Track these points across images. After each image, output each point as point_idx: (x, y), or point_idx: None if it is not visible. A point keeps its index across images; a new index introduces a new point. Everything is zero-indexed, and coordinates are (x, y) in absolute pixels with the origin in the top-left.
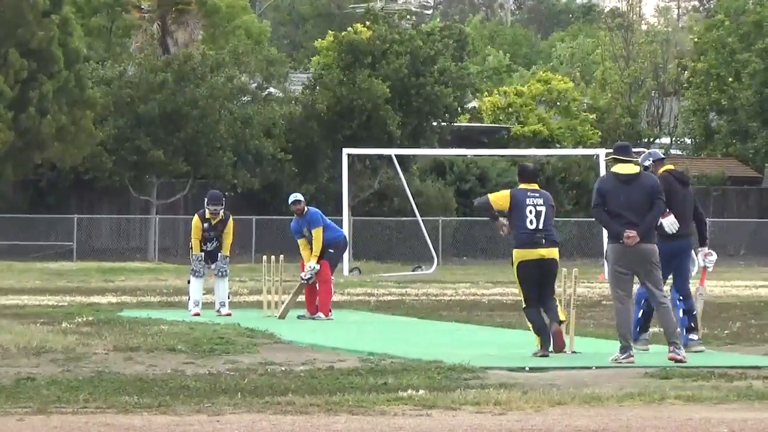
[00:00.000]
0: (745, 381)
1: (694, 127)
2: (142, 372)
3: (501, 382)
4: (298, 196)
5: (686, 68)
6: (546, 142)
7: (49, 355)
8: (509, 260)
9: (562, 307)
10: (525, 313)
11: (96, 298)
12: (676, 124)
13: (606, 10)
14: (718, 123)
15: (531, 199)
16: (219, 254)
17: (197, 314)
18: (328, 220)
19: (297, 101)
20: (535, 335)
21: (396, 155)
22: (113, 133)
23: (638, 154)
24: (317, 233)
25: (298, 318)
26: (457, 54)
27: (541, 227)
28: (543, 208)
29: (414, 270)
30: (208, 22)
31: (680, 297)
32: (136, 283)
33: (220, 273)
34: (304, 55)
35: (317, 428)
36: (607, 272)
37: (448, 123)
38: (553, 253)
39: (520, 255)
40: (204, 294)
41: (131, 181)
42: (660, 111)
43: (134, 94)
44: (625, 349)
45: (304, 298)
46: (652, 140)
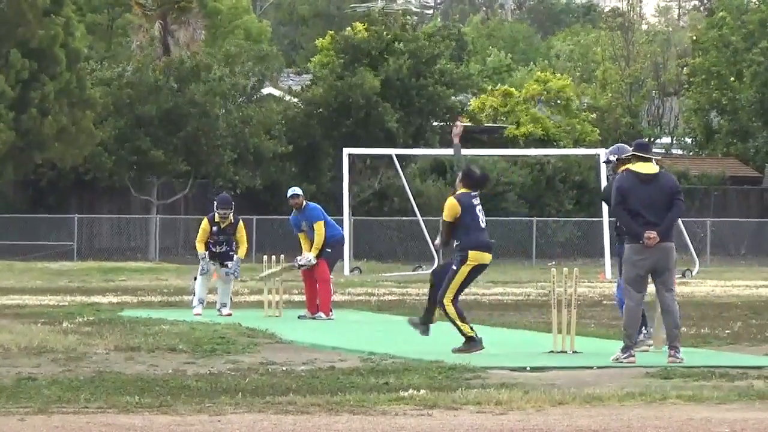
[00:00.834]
0: (746, 381)
1: (695, 127)
2: (143, 372)
3: (502, 382)
4: (297, 190)
5: (686, 65)
6: (544, 142)
7: (50, 354)
8: (457, 256)
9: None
10: (453, 306)
11: (97, 298)
12: (677, 124)
13: (606, 9)
14: (719, 122)
15: (476, 199)
16: (234, 256)
17: (199, 314)
18: (328, 217)
19: (295, 96)
20: (462, 324)
21: (396, 155)
22: (113, 133)
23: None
24: (319, 227)
25: (299, 318)
26: (456, 54)
27: (485, 227)
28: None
29: (415, 270)
30: (210, 23)
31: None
32: (137, 283)
33: (232, 274)
34: (303, 55)
35: (318, 428)
36: (608, 271)
37: (448, 123)
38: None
39: (478, 257)
40: (208, 293)
41: (132, 181)
42: (660, 111)
43: (134, 94)
44: (627, 348)
45: (305, 297)
46: (652, 140)
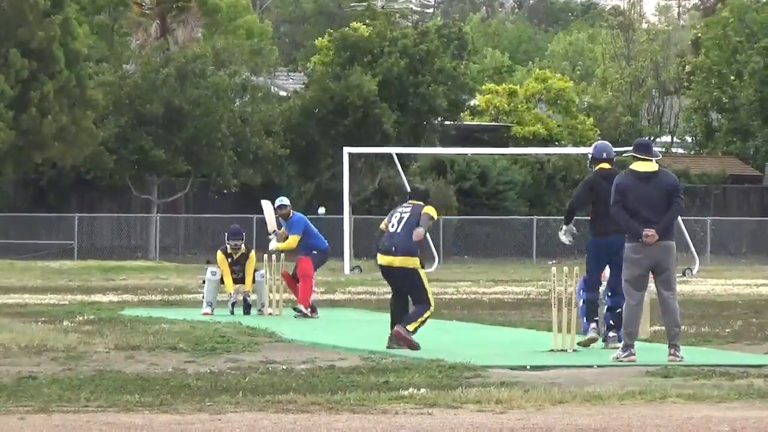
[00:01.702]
0: (746, 379)
1: (695, 126)
2: (143, 371)
3: (502, 381)
4: (284, 201)
5: (687, 64)
6: (545, 141)
7: (51, 353)
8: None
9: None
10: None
11: (97, 297)
12: (677, 123)
13: (607, 8)
14: (719, 121)
15: (401, 207)
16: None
17: (207, 314)
18: (314, 229)
19: (293, 94)
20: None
21: (396, 154)
22: (114, 132)
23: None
24: (293, 240)
25: (295, 317)
26: (457, 53)
27: (399, 231)
28: (406, 215)
29: None
30: (210, 22)
31: (608, 293)
32: (137, 282)
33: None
34: (304, 54)
35: (318, 427)
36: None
37: (447, 122)
38: (402, 261)
39: (378, 258)
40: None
41: (132, 180)
42: (660, 110)
43: (135, 93)
44: (627, 347)
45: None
46: (652, 139)
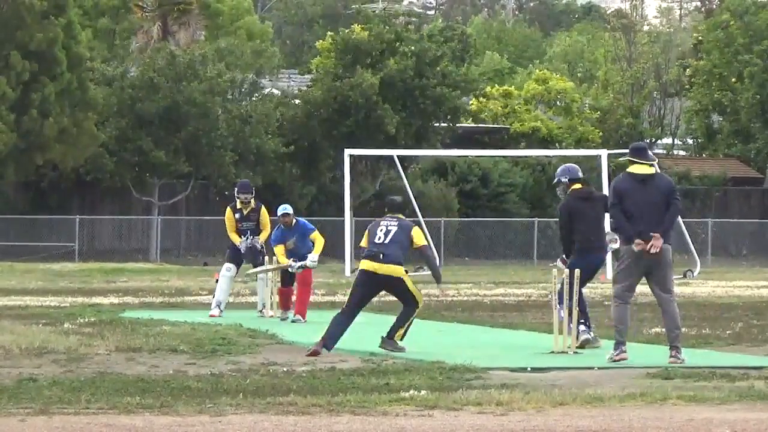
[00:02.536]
0: (747, 381)
1: (696, 128)
2: (144, 373)
3: (503, 383)
4: (288, 209)
5: (688, 66)
6: (546, 142)
7: (51, 355)
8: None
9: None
10: (336, 316)
11: (98, 299)
12: (678, 125)
13: (609, 11)
14: (720, 123)
15: (386, 221)
16: (255, 247)
17: (213, 316)
18: None
19: (294, 97)
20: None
21: (398, 156)
22: (115, 133)
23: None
24: (317, 235)
25: (292, 322)
26: (459, 55)
27: (387, 242)
28: (394, 228)
29: (416, 270)
30: (211, 24)
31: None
32: (138, 284)
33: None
34: (309, 56)
35: (319, 428)
36: (609, 272)
37: (450, 124)
38: (387, 270)
39: (362, 264)
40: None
41: (133, 182)
42: (662, 112)
43: (135, 94)
44: (619, 345)
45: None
46: (654, 141)
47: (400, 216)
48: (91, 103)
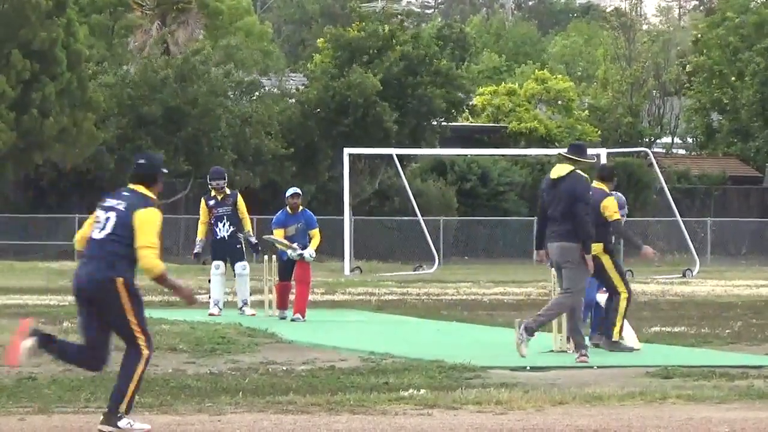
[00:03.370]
0: (746, 380)
1: (696, 127)
2: None
3: (502, 382)
4: (298, 190)
5: (688, 63)
6: (545, 141)
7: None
8: None
9: None
10: None
11: None
12: (678, 124)
13: (608, 10)
14: (720, 122)
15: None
16: (240, 235)
17: (213, 314)
18: None
19: (292, 96)
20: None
21: (397, 154)
22: (115, 132)
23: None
24: (317, 233)
25: (292, 320)
26: (458, 54)
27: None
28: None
29: (415, 269)
30: (210, 24)
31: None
32: (137, 283)
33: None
34: (308, 53)
35: (318, 427)
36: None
37: (447, 123)
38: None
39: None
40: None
41: None
42: (661, 110)
43: (135, 94)
44: (579, 346)
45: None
46: (653, 140)
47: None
48: (91, 102)
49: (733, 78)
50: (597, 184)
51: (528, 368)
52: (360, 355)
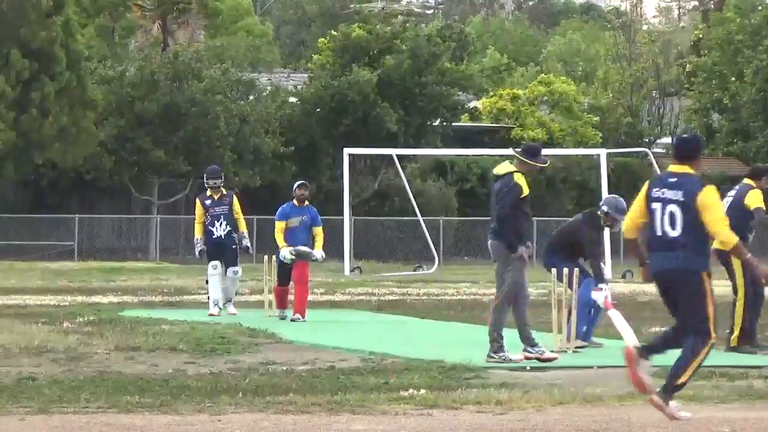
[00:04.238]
0: (746, 380)
1: (696, 127)
2: (143, 372)
3: (502, 382)
4: (305, 182)
5: (688, 63)
6: (547, 144)
7: (51, 354)
8: None
9: None
10: None
11: (97, 298)
12: (678, 124)
13: (607, 10)
14: (720, 122)
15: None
16: (236, 236)
17: (213, 315)
18: None
19: (292, 95)
20: None
21: (397, 155)
22: (114, 132)
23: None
24: (320, 231)
25: (292, 320)
26: (458, 54)
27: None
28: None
29: (415, 270)
30: (211, 24)
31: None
32: (138, 283)
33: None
34: (308, 53)
35: (319, 428)
36: (608, 271)
37: (449, 123)
38: None
39: None
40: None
41: (132, 181)
42: (661, 111)
43: (134, 93)
44: (499, 348)
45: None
46: (653, 140)
47: None
48: (91, 102)
49: (733, 78)
50: (747, 180)
51: (528, 368)
52: (360, 355)
